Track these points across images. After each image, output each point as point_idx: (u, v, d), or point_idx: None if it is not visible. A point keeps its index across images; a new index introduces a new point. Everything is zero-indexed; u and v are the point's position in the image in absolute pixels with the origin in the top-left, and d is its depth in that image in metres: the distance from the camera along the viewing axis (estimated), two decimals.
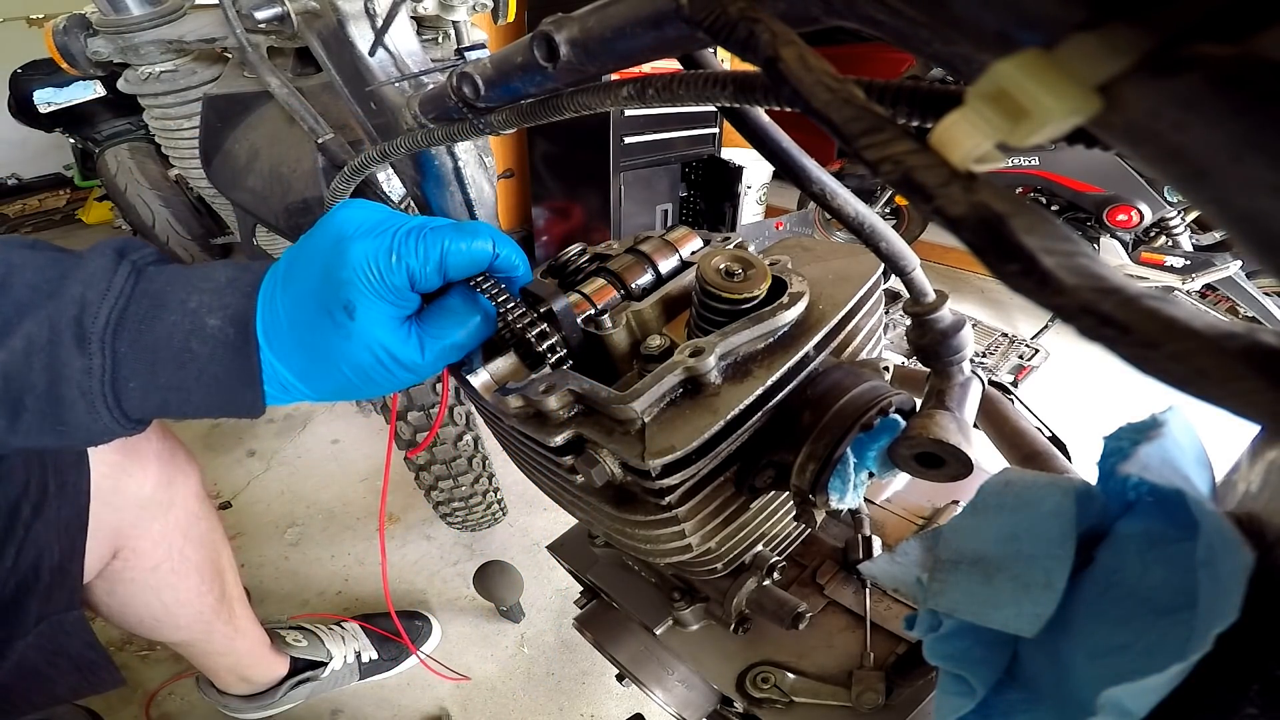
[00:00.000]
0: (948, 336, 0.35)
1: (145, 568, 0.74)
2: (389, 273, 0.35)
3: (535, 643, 1.23)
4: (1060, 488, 0.26)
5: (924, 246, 2.67)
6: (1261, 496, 0.21)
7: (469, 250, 0.37)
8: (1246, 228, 0.11)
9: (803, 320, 0.40)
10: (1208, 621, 0.16)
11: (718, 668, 0.53)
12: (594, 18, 0.26)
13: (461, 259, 0.37)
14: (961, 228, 0.13)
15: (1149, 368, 0.12)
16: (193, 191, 2.53)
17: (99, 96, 2.58)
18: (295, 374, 0.38)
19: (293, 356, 0.38)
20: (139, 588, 0.75)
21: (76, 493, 0.58)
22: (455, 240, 0.36)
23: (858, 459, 0.37)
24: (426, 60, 0.59)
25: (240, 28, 0.67)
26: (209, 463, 1.62)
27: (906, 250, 0.33)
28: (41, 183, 3.73)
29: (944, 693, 0.26)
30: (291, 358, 0.38)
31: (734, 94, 0.24)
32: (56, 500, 0.56)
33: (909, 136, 0.14)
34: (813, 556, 0.58)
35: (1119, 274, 0.12)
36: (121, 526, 0.68)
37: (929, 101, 0.19)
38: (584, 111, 0.32)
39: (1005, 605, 0.24)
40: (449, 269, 0.37)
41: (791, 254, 0.46)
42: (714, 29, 0.18)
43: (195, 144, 0.96)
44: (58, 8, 1.39)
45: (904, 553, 0.30)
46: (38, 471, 0.54)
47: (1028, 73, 0.12)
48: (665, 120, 2.25)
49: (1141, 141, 0.12)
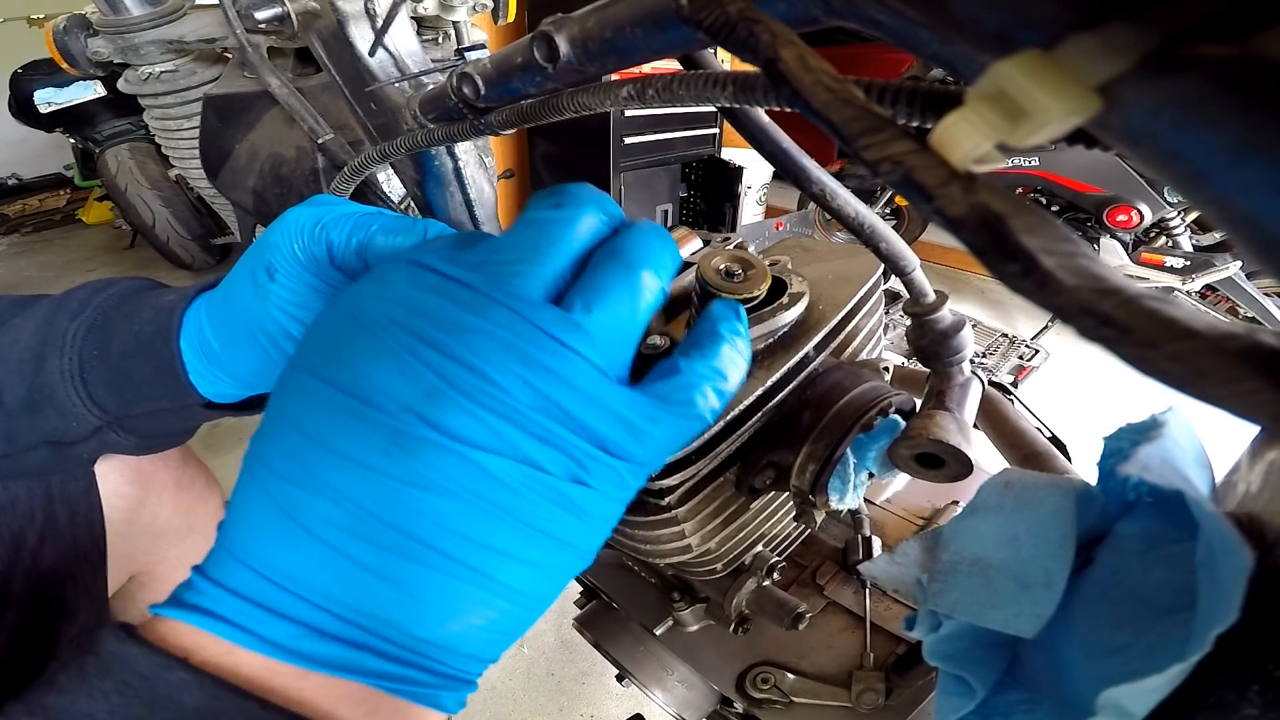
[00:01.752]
0: (948, 337, 0.35)
1: (161, 591, 0.75)
2: (310, 241, 0.34)
3: (535, 643, 1.23)
4: (1060, 488, 0.26)
5: (924, 247, 2.67)
6: (1261, 497, 0.21)
7: (393, 242, 0.35)
8: (1247, 228, 0.11)
9: (803, 321, 0.40)
10: (1207, 622, 0.16)
11: (717, 668, 0.53)
12: (594, 18, 0.26)
13: (385, 246, 0.35)
14: (961, 228, 0.13)
15: (1149, 368, 0.12)
16: (193, 191, 2.54)
17: (99, 96, 2.58)
18: (218, 338, 0.37)
19: (218, 317, 0.37)
20: None
21: (90, 522, 0.59)
22: (386, 230, 0.35)
23: (858, 459, 0.37)
24: (426, 60, 0.59)
25: (240, 28, 0.67)
26: (209, 463, 1.61)
27: (906, 251, 0.33)
28: (41, 183, 3.74)
29: (944, 693, 0.26)
30: (217, 317, 0.37)
31: (734, 94, 0.24)
32: (70, 529, 0.57)
33: (909, 137, 0.14)
34: (813, 557, 0.58)
35: (1119, 275, 0.12)
36: (136, 555, 0.69)
37: (929, 101, 0.19)
38: (584, 111, 0.32)
39: (1005, 605, 0.24)
40: (370, 252, 0.35)
41: (791, 254, 0.46)
42: (714, 29, 0.18)
43: (195, 144, 0.96)
44: (58, 8, 1.39)
45: (904, 553, 0.30)
46: (43, 502, 0.55)
47: (1027, 73, 0.12)
48: (665, 120, 2.26)
49: (1141, 141, 0.12)
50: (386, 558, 0.22)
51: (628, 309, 0.25)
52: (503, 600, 0.23)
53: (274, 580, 0.22)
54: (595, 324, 0.24)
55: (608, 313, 0.24)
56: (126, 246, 3.19)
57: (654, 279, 0.26)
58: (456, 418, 0.22)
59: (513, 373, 0.22)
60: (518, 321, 0.23)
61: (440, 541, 0.22)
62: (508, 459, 0.22)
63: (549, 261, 0.25)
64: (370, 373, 0.22)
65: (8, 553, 0.53)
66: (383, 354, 0.23)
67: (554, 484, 0.23)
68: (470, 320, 0.23)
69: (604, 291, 0.25)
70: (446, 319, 0.23)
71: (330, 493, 0.22)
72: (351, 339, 0.24)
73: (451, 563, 0.22)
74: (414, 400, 0.22)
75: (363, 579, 0.22)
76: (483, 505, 0.22)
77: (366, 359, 0.23)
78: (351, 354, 0.23)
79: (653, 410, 0.25)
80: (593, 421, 0.23)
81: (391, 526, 0.22)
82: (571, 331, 0.23)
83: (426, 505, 0.22)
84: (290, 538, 0.22)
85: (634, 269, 0.25)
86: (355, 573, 0.22)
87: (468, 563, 0.22)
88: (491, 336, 0.22)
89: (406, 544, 0.22)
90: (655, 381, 0.26)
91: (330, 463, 0.22)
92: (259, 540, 0.23)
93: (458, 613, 0.23)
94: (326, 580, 0.22)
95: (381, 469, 0.22)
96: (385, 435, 0.22)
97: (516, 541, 0.23)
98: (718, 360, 0.28)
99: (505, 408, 0.22)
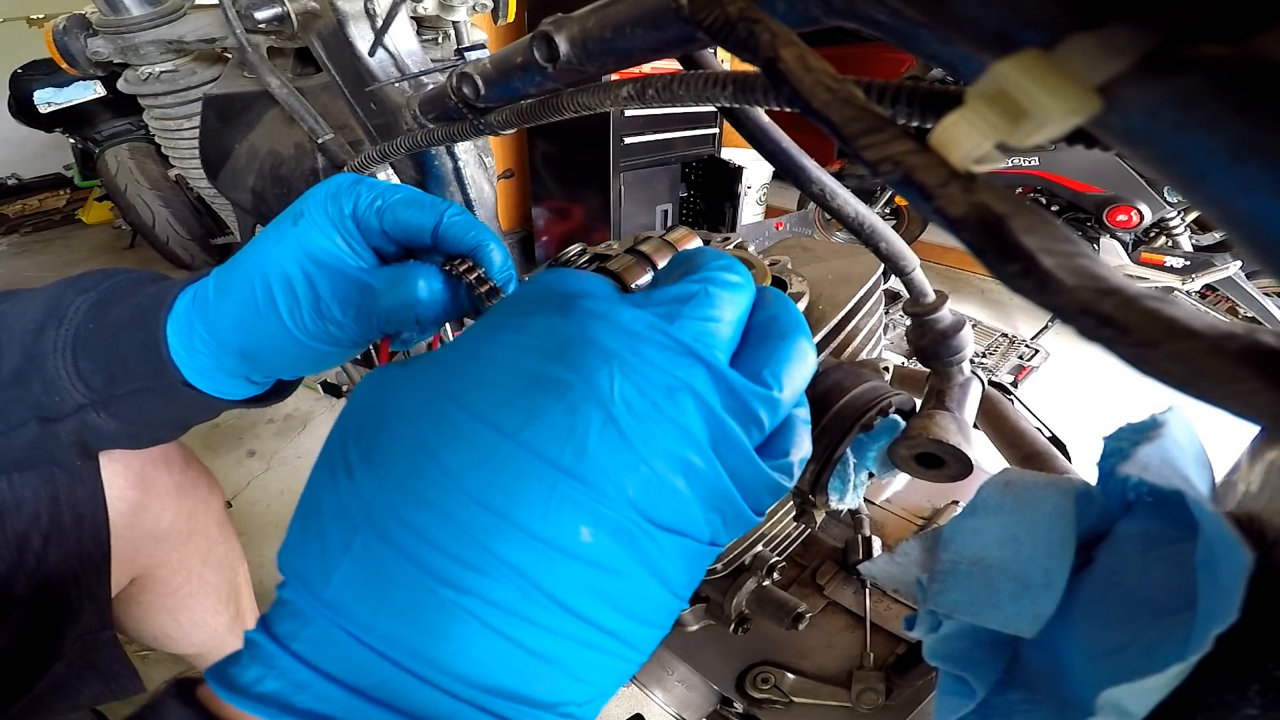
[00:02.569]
0: (947, 337, 0.35)
1: (163, 593, 0.75)
2: (342, 193, 0.35)
3: None
4: (1060, 488, 0.26)
5: (924, 246, 2.67)
6: (1261, 496, 0.21)
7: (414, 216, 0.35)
8: (1247, 228, 0.11)
9: None
10: (1207, 622, 0.16)
11: (717, 668, 0.53)
12: (594, 18, 0.26)
13: (401, 214, 0.35)
14: (961, 228, 0.13)
15: (1149, 368, 0.12)
16: (193, 191, 2.53)
17: (99, 96, 2.58)
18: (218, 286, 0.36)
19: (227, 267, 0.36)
20: (155, 610, 0.76)
21: (95, 524, 0.59)
22: (407, 203, 0.35)
23: (858, 459, 0.37)
24: (426, 60, 0.59)
25: (240, 28, 0.67)
26: (209, 463, 1.61)
27: (906, 250, 0.33)
28: (41, 183, 3.74)
29: (944, 693, 0.26)
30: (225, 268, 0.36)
31: (734, 94, 0.24)
32: (75, 532, 0.57)
33: (909, 136, 0.14)
34: (813, 556, 0.58)
35: (1119, 274, 0.12)
36: (139, 558, 0.69)
37: (929, 101, 0.19)
38: (584, 111, 0.32)
39: (1005, 605, 0.24)
40: (385, 215, 0.35)
41: (791, 254, 0.46)
42: (713, 29, 0.18)
43: (195, 144, 0.96)
44: (58, 8, 1.39)
45: (904, 553, 0.30)
46: (48, 504, 0.55)
47: (1027, 73, 0.12)
48: (665, 120, 2.25)
49: (1141, 142, 0.12)
50: (557, 641, 0.19)
51: (801, 386, 0.24)
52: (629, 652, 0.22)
53: (427, 679, 0.19)
54: (785, 404, 0.22)
55: (795, 392, 0.23)
56: (126, 246, 3.19)
57: (814, 353, 0.25)
58: (666, 510, 0.20)
59: (706, 447, 0.20)
60: (730, 396, 0.21)
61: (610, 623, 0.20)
62: (685, 537, 0.21)
63: (734, 326, 0.23)
64: (579, 439, 0.19)
65: (12, 554, 0.53)
66: (593, 417, 0.19)
67: (697, 548, 0.22)
68: (677, 382, 0.20)
69: (788, 367, 0.23)
70: (658, 381, 0.20)
71: (514, 576, 0.19)
72: (542, 383, 0.20)
73: (614, 641, 0.21)
74: (629, 488, 0.19)
75: (528, 664, 0.19)
76: (632, 572, 0.20)
77: (570, 418, 0.19)
78: (545, 406, 0.19)
79: (774, 491, 0.23)
80: (745, 500, 0.22)
81: (568, 608, 0.19)
82: (770, 409, 0.22)
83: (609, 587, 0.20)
84: (450, 626, 0.19)
85: (807, 350, 0.24)
86: (522, 658, 0.19)
87: (621, 636, 0.21)
88: (698, 405, 0.20)
89: (577, 625, 0.20)
90: (771, 460, 0.24)
91: (515, 539, 0.19)
92: (410, 627, 0.19)
93: (602, 690, 0.22)
94: (488, 667, 0.19)
95: (577, 554, 0.19)
96: (589, 515, 0.19)
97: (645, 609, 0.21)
98: None
99: (691, 483, 0.20)
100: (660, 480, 0.20)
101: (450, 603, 0.19)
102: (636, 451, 0.19)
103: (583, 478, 0.19)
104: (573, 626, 0.19)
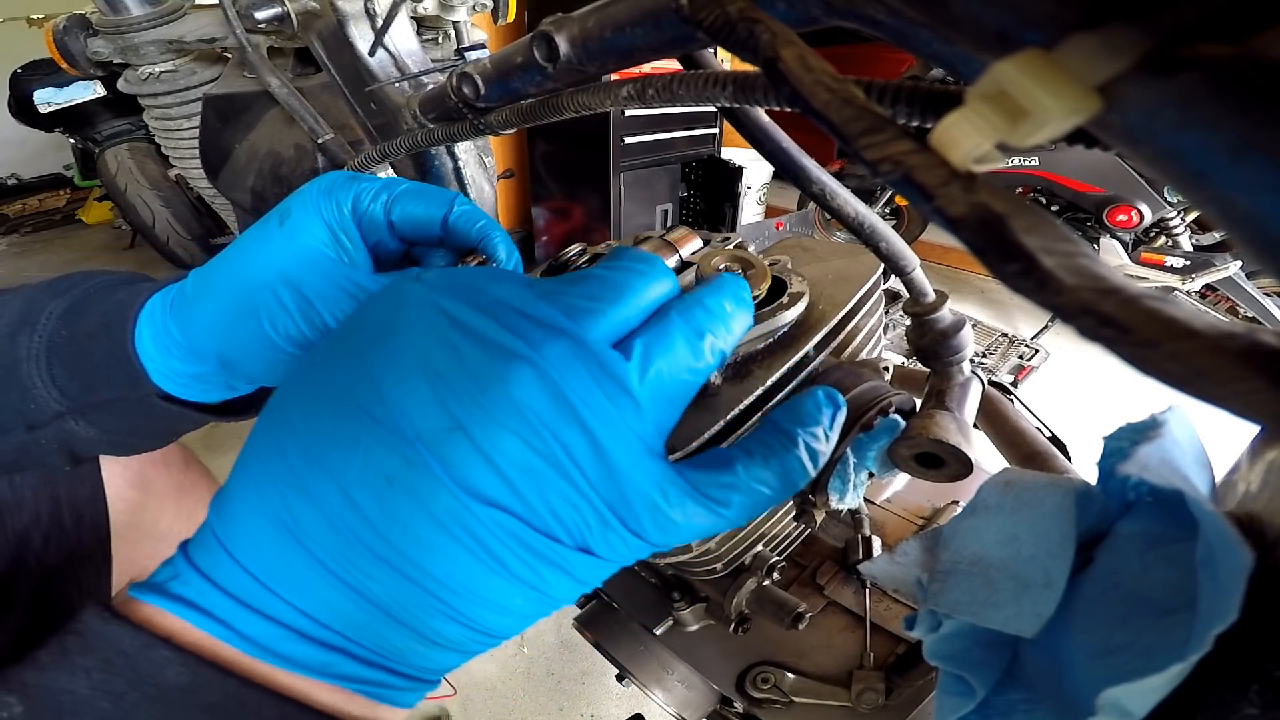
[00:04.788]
0: (948, 336, 0.35)
1: None
2: (338, 189, 0.33)
3: (535, 643, 1.23)
4: (1060, 488, 0.26)
5: (924, 246, 2.67)
6: (1261, 496, 0.21)
7: (422, 207, 0.34)
8: (1247, 228, 0.11)
9: (803, 320, 0.40)
10: (1207, 622, 0.16)
11: (717, 668, 0.53)
12: (594, 18, 0.26)
13: (410, 208, 0.34)
14: (961, 228, 0.13)
15: (1149, 368, 0.12)
16: (193, 191, 2.53)
17: (99, 96, 2.58)
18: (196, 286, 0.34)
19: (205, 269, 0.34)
20: None
21: (95, 525, 0.59)
22: (414, 194, 0.34)
23: (858, 459, 0.37)
24: (426, 60, 0.59)
25: (240, 28, 0.67)
26: (209, 463, 1.61)
27: (906, 250, 0.33)
28: (41, 183, 3.74)
29: (944, 693, 0.26)
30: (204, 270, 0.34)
31: (734, 94, 0.24)
32: (75, 532, 0.57)
33: (909, 136, 0.14)
34: (813, 556, 0.58)
35: (1119, 274, 0.12)
36: (137, 558, 0.69)
37: (929, 101, 0.19)
38: (584, 111, 0.32)
39: (1005, 605, 0.24)
40: (394, 210, 0.34)
41: (791, 254, 0.46)
42: (714, 29, 0.18)
43: (195, 144, 0.97)
44: (58, 8, 1.39)
45: (904, 553, 0.30)
46: (49, 504, 0.55)
47: (1027, 73, 0.12)
48: (665, 120, 2.25)
49: (1141, 141, 0.12)
50: (372, 584, 0.21)
51: (686, 371, 0.23)
52: (478, 635, 0.23)
53: (261, 581, 0.22)
54: (650, 381, 0.22)
55: (663, 371, 0.23)
56: (126, 246, 3.19)
57: (719, 343, 0.24)
58: (472, 468, 0.20)
59: (549, 428, 0.20)
60: (575, 363, 0.21)
61: (426, 580, 0.21)
62: (518, 519, 0.21)
63: (623, 309, 0.23)
64: (393, 389, 0.21)
65: (13, 553, 0.53)
66: (412, 371, 0.21)
67: (560, 551, 0.21)
68: (523, 351, 0.21)
69: (667, 346, 0.23)
70: (493, 341, 0.21)
71: (327, 509, 0.21)
72: (381, 344, 0.22)
73: (434, 600, 0.21)
74: (432, 433, 0.20)
75: (347, 597, 0.21)
76: (478, 555, 0.21)
77: (393, 372, 0.21)
78: (378, 362, 0.21)
79: (683, 500, 0.23)
80: (620, 497, 0.22)
81: (381, 555, 0.21)
82: (625, 384, 0.21)
83: (421, 541, 0.21)
84: (282, 545, 0.21)
85: (701, 332, 0.24)
86: (341, 590, 0.21)
87: (451, 604, 0.22)
88: (538, 377, 0.20)
89: (393, 575, 0.21)
90: (701, 470, 0.24)
91: (332, 477, 0.21)
92: (251, 540, 0.22)
93: (434, 642, 0.23)
94: (312, 591, 0.21)
95: (382, 496, 0.20)
96: (394, 461, 0.20)
97: (504, 593, 0.22)
98: (782, 471, 0.25)
99: (527, 465, 0.20)
100: (472, 448, 0.20)
101: (284, 528, 0.22)
102: (451, 415, 0.20)
103: (381, 420, 0.21)
104: (385, 571, 0.21)
